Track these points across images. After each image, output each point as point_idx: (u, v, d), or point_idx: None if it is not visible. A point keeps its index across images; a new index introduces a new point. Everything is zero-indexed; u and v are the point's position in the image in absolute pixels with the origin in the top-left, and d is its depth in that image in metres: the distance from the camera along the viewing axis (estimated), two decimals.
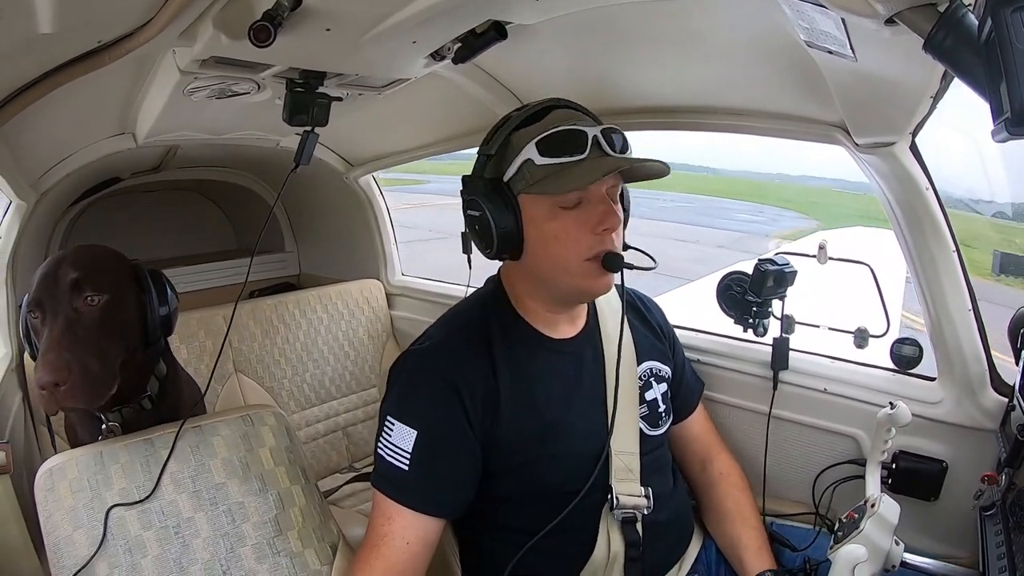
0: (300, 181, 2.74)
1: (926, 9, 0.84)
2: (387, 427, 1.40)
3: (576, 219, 1.36)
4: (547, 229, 1.38)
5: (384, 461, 1.38)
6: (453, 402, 1.38)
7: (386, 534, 1.35)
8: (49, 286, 1.37)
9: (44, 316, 1.36)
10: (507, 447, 1.41)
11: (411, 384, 1.43)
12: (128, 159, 2.33)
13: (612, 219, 1.37)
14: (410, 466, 1.35)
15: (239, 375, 2.67)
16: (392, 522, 1.35)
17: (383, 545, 1.34)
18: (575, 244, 1.37)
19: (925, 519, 1.66)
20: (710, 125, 1.86)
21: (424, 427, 1.37)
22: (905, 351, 1.66)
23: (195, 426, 1.52)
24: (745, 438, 1.91)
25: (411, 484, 1.36)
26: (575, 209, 1.36)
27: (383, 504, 1.37)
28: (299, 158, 1.79)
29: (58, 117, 1.71)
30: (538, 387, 1.46)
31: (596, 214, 1.36)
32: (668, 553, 1.58)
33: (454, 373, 1.40)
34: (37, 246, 2.59)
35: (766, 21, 1.36)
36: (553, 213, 1.37)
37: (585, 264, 1.38)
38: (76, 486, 1.36)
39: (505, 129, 1.40)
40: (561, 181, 1.33)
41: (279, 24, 1.24)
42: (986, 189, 5.20)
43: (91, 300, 1.38)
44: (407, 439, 1.36)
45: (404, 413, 1.39)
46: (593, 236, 1.37)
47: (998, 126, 0.74)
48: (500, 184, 1.39)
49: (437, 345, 1.47)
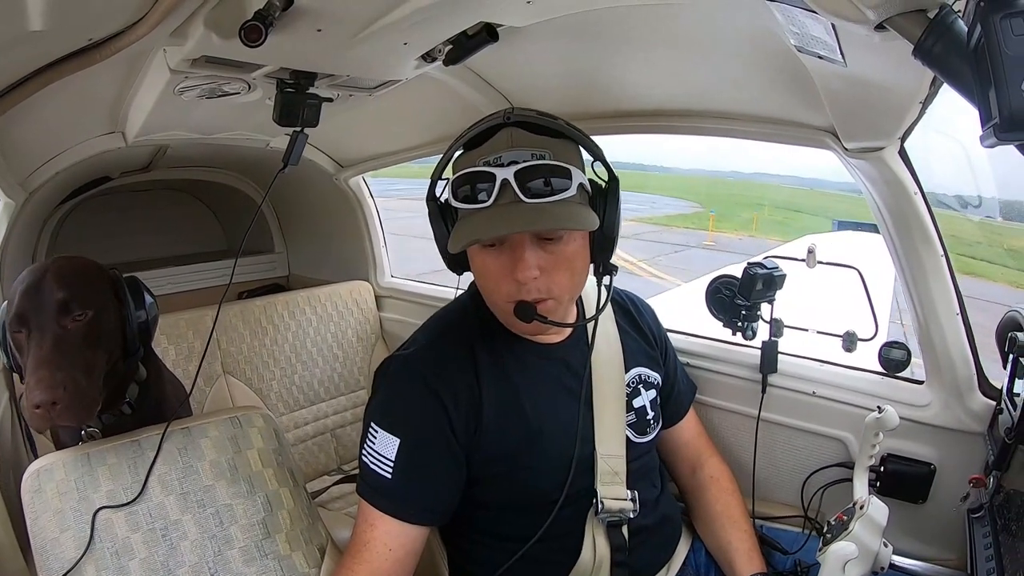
0: (290, 182, 2.73)
1: (916, 15, 0.85)
2: (371, 434, 1.38)
3: (496, 259, 1.33)
4: (476, 262, 1.38)
5: (367, 468, 1.37)
6: (436, 410, 1.37)
7: (369, 540, 1.34)
8: (33, 303, 1.35)
9: (29, 332, 1.34)
10: (491, 454, 1.40)
11: (394, 391, 1.41)
12: (118, 158, 2.32)
13: (521, 271, 1.29)
14: (393, 474, 1.34)
15: (227, 376, 2.65)
16: (375, 529, 1.34)
17: (366, 551, 1.33)
18: (496, 286, 1.36)
19: (913, 522, 1.67)
20: (700, 129, 1.86)
21: (407, 435, 1.35)
22: (893, 355, 1.67)
23: (183, 428, 1.51)
24: (734, 441, 1.92)
25: (394, 492, 1.35)
26: (496, 249, 1.32)
27: (366, 511, 1.36)
28: (287, 158, 1.79)
29: (48, 115, 1.70)
30: (522, 393, 1.44)
31: (511, 260, 1.31)
32: (654, 557, 1.58)
33: (437, 380, 1.38)
34: (25, 245, 2.58)
35: (757, 26, 1.36)
36: (475, 250, 1.35)
37: (508, 305, 1.35)
38: (63, 488, 1.35)
39: (453, 150, 1.38)
40: (462, 231, 1.31)
41: (270, 24, 1.24)
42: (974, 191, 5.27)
43: (78, 317, 1.37)
44: (390, 447, 1.34)
45: (387, 420, 1.37)
46: (513, 282, 1.31)
47: (986, 131, 0.74)
48: (445, 206, 1.39)
49: (420, 351, 1.45)
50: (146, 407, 1.61)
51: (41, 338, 1.33)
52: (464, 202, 1.29)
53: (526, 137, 1.31)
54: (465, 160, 1.33)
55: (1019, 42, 0.69)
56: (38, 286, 1.36)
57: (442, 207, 1.39)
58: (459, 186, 1.30)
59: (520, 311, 1.32)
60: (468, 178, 1.28)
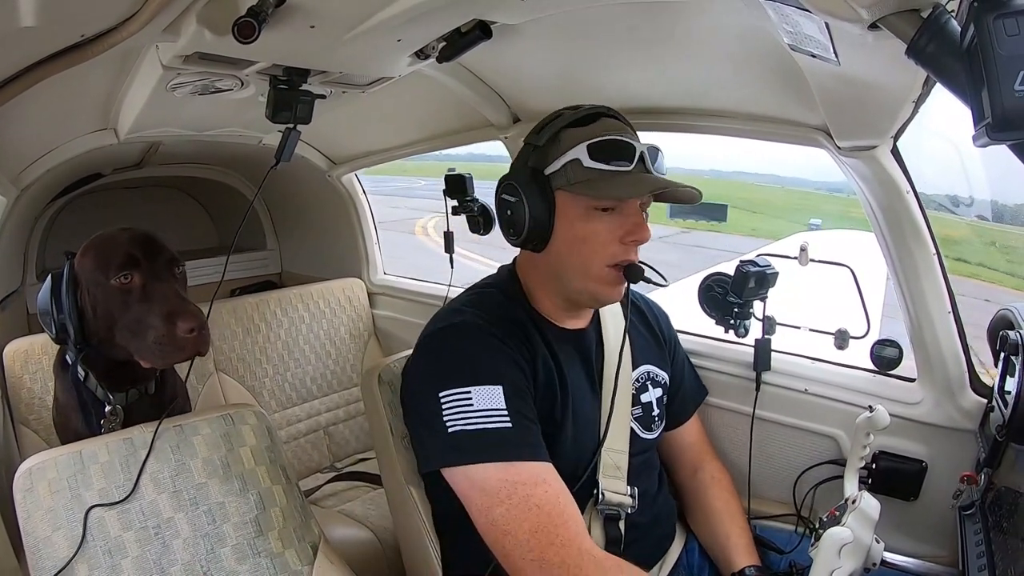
0: (282, 179, 2.73)
1: (909, 15, 0.85)
2: (460, 398, 1.32)
3: (608, 225, 1.39)
4: (578, 228, 1.39)
5: (479, 431, 1.30)
6: (513, 357, 1.38)
7: (543, 502, 1.28)
8: (145, 253, 1.51)
9: (144, 279, 1.48)
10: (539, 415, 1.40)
11: (466, 350, 1.39)
12: (110, 155, 2.32)
13: (643, 232, 1.39)
14: (513, 420, 1.30)
15: (220, 374, 2.65)
16: (548, 484, 1.30)
17: (554, 515, 1.28)
18: (602, 248, 1.39)
19: (905, 519, 1.67)
20: (693, 127, 1.87)
21: (505, 380, 1.34)
22: (885, 352, 1.68)
23: (175, 425, 1.50)
24: (728, 438, 1.92)
25: (526, 437, 1.32)
26: (607, 214, 1.38)
27: (511, 474, 1.29)
28: (280, 155, 1.78)
29: (39, 112, 1.70)
30: (561, 370, 1.46)
31: (628, 224, 1.39)
32: (649, 553, 1.58)
33: (502, 334, 1.39)
34: (17, 242, 2.57)
35: (750, 24, 1.36)
36: (588, 214, 1.38)
37: (606, 270, 1.40)
38: (55, 486, 1.35)
39: (556, 124, 1.42)
40: (606, 187, 1.36)
41: (263, 20, 1.24)
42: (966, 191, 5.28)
43: (180, 269, 1.58)
44: (496, 397, 1.31)
45: (474, 375, 1.33)
46: (620, 245, 1.39)
47: (979, 131, 0.75)
48: (541, 176, 1.40)
49: (476, 317, 1.44)
50: (165, 389, 1.70)
51: (161, 282, 1.50)
52: (607, 162, 1.36)
53: (624, 127, 1.45)
54: (576, 135, 1.40)
55: (1012, 42, 0.69)
56: (144, 241, 1.53)
57: (539, 178, 1.41)
58: (600, 149, 1.37)
59: (630, 271, 1.40)
60: (610, 144, 1.37)
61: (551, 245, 1.42)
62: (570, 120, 1.42)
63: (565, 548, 1.25)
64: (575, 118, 1.42)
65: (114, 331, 1.50)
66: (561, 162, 1.38)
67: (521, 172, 1.42)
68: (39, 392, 2.13)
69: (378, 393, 1.59)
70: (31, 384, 2.13)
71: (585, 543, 1.28)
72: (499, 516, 1.28)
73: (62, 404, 1.69)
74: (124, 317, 1.48)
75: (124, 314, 1.48)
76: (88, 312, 1.52)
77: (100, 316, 1.50)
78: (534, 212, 1.39)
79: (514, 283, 1.55)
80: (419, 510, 1.54)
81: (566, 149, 1.38)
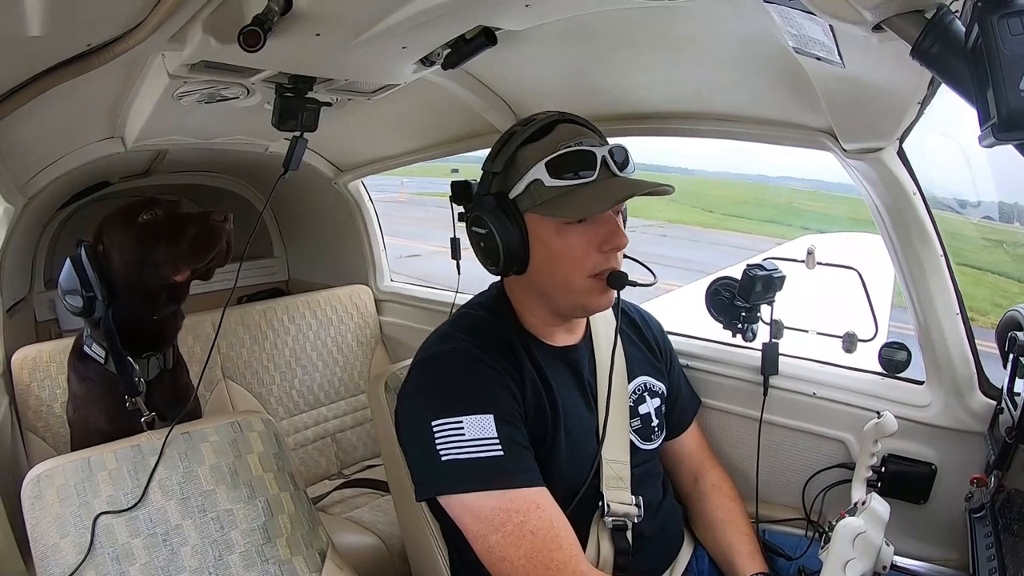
0: (289, 187, 2.73)
1: (914, 16, 0.85)
2: (451, 428, 1.32)
3: (582, 236, 1.37)
4: (553, 246, 1.38)
5: (471, 461, 1.30)
6: (502, 383, 1.37)
7: (537, 528, 1.28)
8: (157, 199, 1.68)
9: (167, 213, 1.66)
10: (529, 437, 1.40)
11: (456, 379, 1.38)
12: (117, 163, 2.33)
13: (619, 239, 1.37)
14: (504, 448, 1.30)
15: (228, 381, 2.66)
16: (541, 509, 1.30)
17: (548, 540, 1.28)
18: (581, 262, 1.37)
19: (914, 522, 1.66)
20: (698, 131, 1.87)
21: (495, 408, 1.33)
22: (894, 355, 1.67)
23: (183, 432, 1.51)
24: (736, 443, 1.91)
25: (518, 462, 1.32)
26: (580, 225, 1.36)
27: (516, 501, 1.30)
28: (288, 163, 1.79)
29: (47, 120, 1.70)
30: (551, 390, 1.45)
31: (603, 233, 1.37)
32: (657, 561, 1.58)
33: (490, 360, 1.38)
34: (25, 250, 2.58)
35: (755, 27, 1.36)
36: (559, 230, 1.36)
37: (589, 281, 1.38)
38: (63, 493, 1.35)
39: (511, 145, 1.39)
40: (570, 205, 1.34)
41: (269, 29, 1.24)
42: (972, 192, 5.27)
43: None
44: (487, 425, 1.31)
45: (465, 404, 1.33)
46: (599, 254, 1.37)
47: (985, 131, 0.75)
48: (506, 202, 1.38)
49: (466, 343, 1.43)
50: (179, 372, 1.78)
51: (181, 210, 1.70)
52: (568, 177, 1.34)
53: (582, 130, 1.41)
54: (534, 151, 1.37)
55: (1016, 42, 0.69)
56: (153, 196, 1.70)
57: (504, 205, 1.39)
58: (559, 165, 1.34)
59: (614, 279, 1.39)
60: (569, 156, 1.34)
61: (531, 267, 1.41)
62: (524, 138, 1.39)
63: (560, 571, 1.26)
64: (528, 134, 1.39)
65: (141, 276, 1.61)
66: (523, 184, 1.37)
67: (485, 202, 1.40)
68: (47, 399, 2.13)
69: (385, 400, 1.59)
70: (39, 391, 2.13)
71: (580, 566, 1.29)
72: (495, 543, 1.29)
73: (80, 398, 1.71)
74: (155, 247, 1.61)
75: (155, 244, 1.61)
76: (115, 265, 1.62)
77: (127, 262, 1.61)
78: (506, 240, 1.37)
79: (503, 302, 1.53)
80: (427, 518, 1.53)
81: (525, 171, 1.36)
